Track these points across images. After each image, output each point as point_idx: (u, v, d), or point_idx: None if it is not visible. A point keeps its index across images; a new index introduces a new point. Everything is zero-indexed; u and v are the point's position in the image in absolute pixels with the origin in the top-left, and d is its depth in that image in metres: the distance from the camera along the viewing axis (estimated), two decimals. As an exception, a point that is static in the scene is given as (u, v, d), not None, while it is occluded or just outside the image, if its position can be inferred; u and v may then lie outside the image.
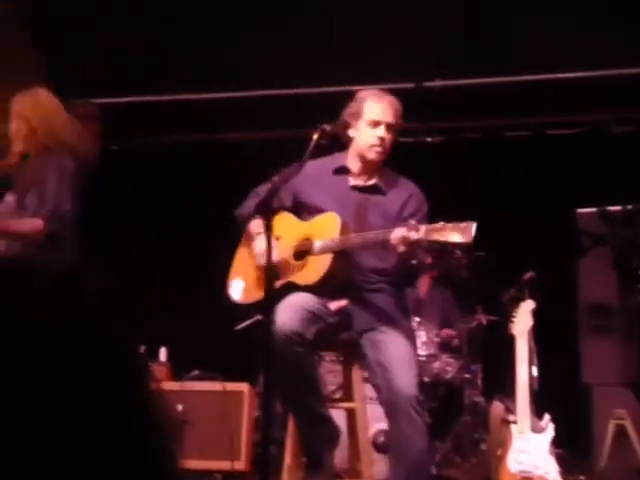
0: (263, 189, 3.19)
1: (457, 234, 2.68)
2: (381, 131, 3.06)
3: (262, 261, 2.93)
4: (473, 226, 2.68)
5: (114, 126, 6.22)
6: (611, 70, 5.21)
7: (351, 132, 3.12)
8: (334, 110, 3.19)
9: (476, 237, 2.66)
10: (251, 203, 3.18)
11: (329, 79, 5.33)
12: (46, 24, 5.67)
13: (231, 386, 4.42)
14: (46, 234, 3.52)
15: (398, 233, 2.76)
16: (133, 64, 5.59)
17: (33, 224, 3.53)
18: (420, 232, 2.73)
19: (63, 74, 5.84)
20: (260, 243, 3.01)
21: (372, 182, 3.15)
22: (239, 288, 3.23)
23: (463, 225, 2.69)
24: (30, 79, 5.69)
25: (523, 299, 4.05)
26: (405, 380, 2.87)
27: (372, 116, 3.07)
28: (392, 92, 3.26)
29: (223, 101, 5.82)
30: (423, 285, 5.27)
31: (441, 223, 2.73)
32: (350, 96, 3.23)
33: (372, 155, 3.09)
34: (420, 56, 5.27)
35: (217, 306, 3.44)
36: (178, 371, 4.90)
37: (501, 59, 5.27)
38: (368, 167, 3.14)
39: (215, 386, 4.42)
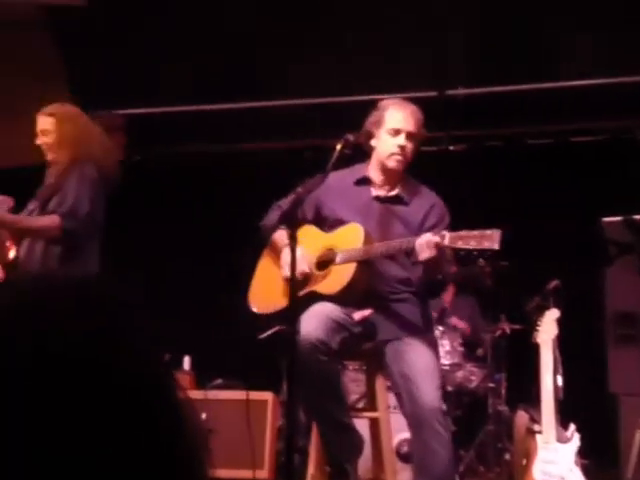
0: (286, 201, 3.21)
1: (483, 241, 2.68)
2: (401, 139, 3.05)
3: (287, 272, 2.93)
4: (498, 233, 2.67)
5: (138, 137, 6.28)
6: (634, 77, 5.18)
7: (373, 141, 3.12)
8: (357, 120, 3.20)
9: (501, 245, 2.66)
10: (274, 215, 3.19)
11: (352, 88, 5.34)
12: (71, 37, 5.75)
13: (254, 395, 4.42)
14: (62, 231, 3.58)
15: (423, 239, 2.76)
16: (156, 76, 5.64)
17: (49, 220, 3.59)
18: (445, 239, 2.73)
19: (88, 86, 5.91)
20: (287, 254, 3.01)
21: (394, 193, 3.15)
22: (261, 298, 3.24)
23: (488, 232, 2.69)
24: (57, 91, 5.76)
25: (548, 308, 4.02)
26: (429, 392, 2.86)
27: (393, 124, 3.06)
28: (415, 101, 3.27)
29: (245, 111, 5.85)
30: (447, 294, 5.25)
31: (465, 231, 2.72)
32: (373, 105, 3.24)
33: (392, 163, 3.08)
34: (443, 65, 5.27)
35: (240, 315, 3.46)
36: (201, 380, 4.91)
37: (523, 67, 5.25)
38: (389, 177, 3.14)
39: (238, 395, 4.42)
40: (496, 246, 2.66)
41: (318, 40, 5.28)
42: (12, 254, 3.62)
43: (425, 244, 2.74)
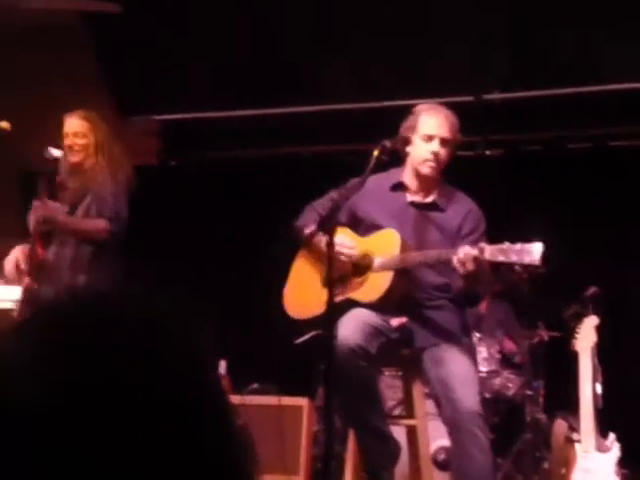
0: (320, 203, 3.20)
1: (524, 255, 2.65)
2: (435, 145, 3.03)
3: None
4: (540, 247, 2.64)
5: (173, 142, 6.33)
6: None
7: (408, 147, 3.11)
8: (393, 124, 3.18)
9: (543, 258, 2.62)
10: (308, 216, 3.19)
11: (388, 93, 5.33)
12: (108, 43, 5.82)
13: (290, 400, 4.42)
14: (110, 235, 3.66)
15: (462, 255, 2.73)
16: (191, 81, 5.68)
17: (97, 224, 3.66)
18: (485, 253, 2.70)
19: (125, 92, 5.98)
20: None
21: (430, 199, 3.13)
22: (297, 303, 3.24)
23: (529, 246, 2.65)
24: (94, 97, 5.83)
25: (586, 315, 3.97)
26: (468, 398, 2.84)
27: (426, 130, 3.04)
28: (451, 105, 3.24)
29: (280, 116, 5.87)
30: (483, 300, 5.20)
31: (506, 244, 2.69)
32: (408, 110, 3.22)
33: (425, 170, 3.06)
34: (479, 69, 5.24)
35: (276, 318, 3.46)
36: (237, 384, 4.93)
37: (560, 70, 5.19)
38: (424, 183, 3.12)
39: (274, 400, 4.43)
40: (538, 261, 2.63)
41: (353, 44, 5.28)
42: (27, 281, 3.69)
43: (464, 258, 2.71)
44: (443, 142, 3.04)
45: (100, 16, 5.09)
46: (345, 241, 3.04)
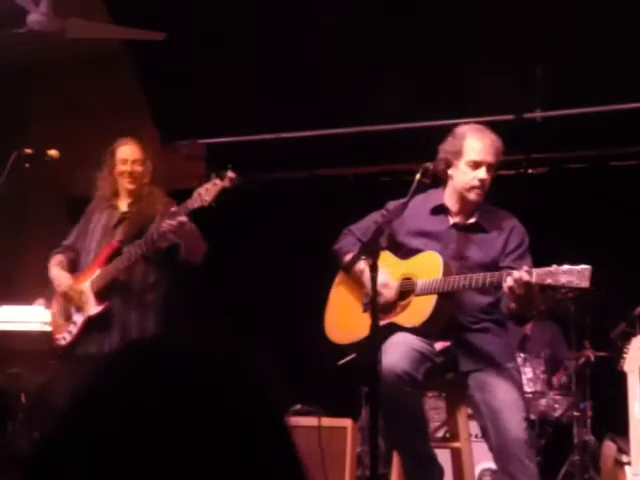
0: (358, 227, 3.21)
1: (573, 278, 2.61)
2: (482, 173, 3.00)
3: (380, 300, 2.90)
4: (589, 270, 2.61)
5: (218, 165, 6.38)
6: None
7: (450, 170, 3.07)
8: (435, 145, 3.17)
9: (591, 281, 2.59)
10: (347, 241, 3.20)
11: (429, 113, 5.33)
12: (151, 70, 5.93)
13: (333, 421, 4.42)
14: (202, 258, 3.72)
15: (509, 281, 2.71)
16: (235, 105, 5.75)
17: (204, 244, 3.70)
18: (533, 277, 2.67)
19: (168, 117, 6.08)
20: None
21: (473, 220, 3.11)
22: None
23: (578, 269, 2.62)
24: (140, 123, 5.94)
25: (634, 334, 3.90)
26: (514, 424, 2.81)
27: (473, 157, 3.00)
28: (492, 125, 3.21)
29: (322, 138, 5.90)
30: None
31: (554, 266, 2.66)
32: (450, 129, 3.20)
33: (473, 197, 3.04)
34: (520, 87, 5.22)
35: (318, 340, 3.47)
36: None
37: (603, 88, 5.15)
38: (467, 207, 3.10)
39: (317, 421, 4.43)
40: (587, 284, 2.60)
41: (397, 65, 5.30)
42: (94, 310, 3.72)
43: (513, 283, 2.69)
44: (490, 168, 3.02)
45: (143, 44, 5.19)
46: (383, 280, 3.01)
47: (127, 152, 3.86)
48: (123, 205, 3.90)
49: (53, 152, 3.78)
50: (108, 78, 6.38)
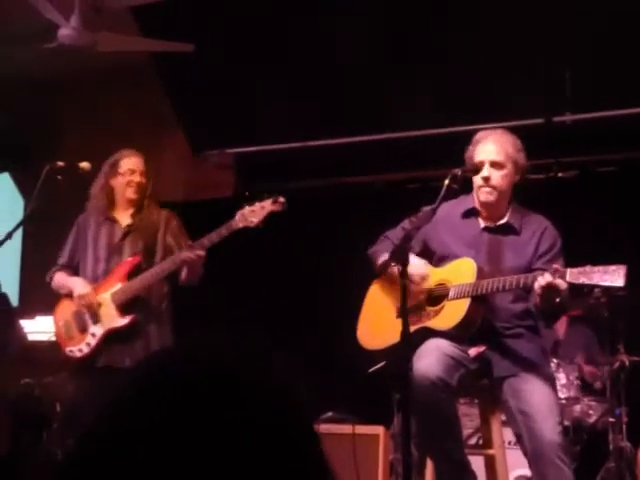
0: (393, 232, 3.21)
1: (607, 278, 2.60)
2: (485, 171, 3.02)
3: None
4: (624, 269, 2.59)
5: (246, 174, 6.43)
6: None
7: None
8: (463, 151, 3.18)
9: (626, 280, 2.57)
10: (382, 246, 3.20)
11: (457, 119, 5.32)
12: (180, 80, 5.98)
13: (366, 429, 4.40)
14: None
15: (542, 281, 2.70)
16: (263, 114, 5.78)
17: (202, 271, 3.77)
18: (566, 277, 2.66)
19: (198, 127, 6.13)
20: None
21: (503, 221, 3.10)
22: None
23: (612, 268, 2.60)
24: (170, 134, 5.99)
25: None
26: (549, 428, 2.79)
27: (477, 157, 3.05)
28: (521, 128, 3.21)
29: (352, 145, 5.92)
30: (561, 326, 5.11)
31: (588, 266, 2.64)
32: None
33: (482, 197, 3.06)
34: (549, 91, 5.19)
35: (350, 346, 3.47)
36: (313, 413, 4.93)
37: (633, 90, 5.10)
38: (489, 209, 3.10)
39: (349, 429, 4.42)
40: (621, 282, 2.58)
41: (423, 71, 5.30)
42: (120, 322, 3.77)
43: (547, 285, 2.68)
44: (493, 165, 3.02)
45: (171, 55, 5.25)
46: (419, 269, 3.04)
47: (135, 163, 3.90)
48: (124, 217, 3.91)
49: (85, 164, 3.82)
50: (138, 91, 6.46)
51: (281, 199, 3.53)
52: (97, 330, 3.76)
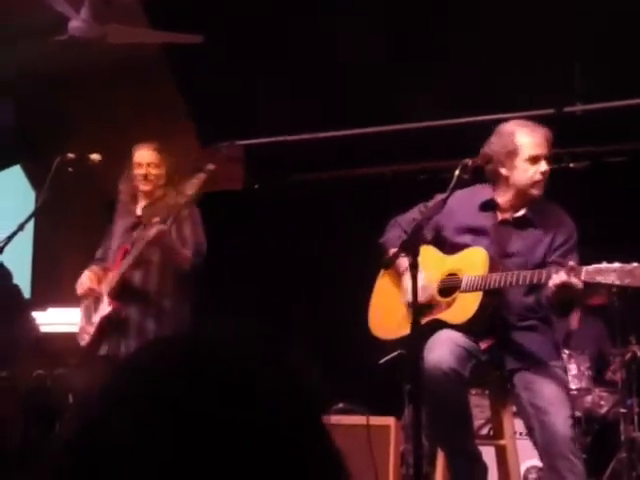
0: (404, 218, 3.19)
1: (623, 277, 2.56)
2: (544, 166, 2.99)
3: (409, 298, 2.89)
4: None
5: (255, 166, 6.43)
6: None
7: (503, 170, 3.01)
8: (475, 141, 3.15)
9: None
10: (393, 234, 3.19)
11: (466, 109, 5.30)
12: (189, 72, 5.98)
13: (377, 420, 4.40)
14: (192, 267, 3.77)
15: (557, 279, 2.67)
16: (272, 105, 5.78)
17: (185, 253, 3.76)
18: (582, 275, 2.64)
19: (207, 119, 6.13)
20: (407, 280, 2.98)
21: (521, 213, 3.07)
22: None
23: (630, 267, 2.57)
24: (180, 126, 6.00)
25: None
26: (560, 421, 2.79)
27: (531, 152, 2.97)
28: (532, 120, 3.18)
29: (361, 136, 5.91)
30: (574, 317, 5.10)
31: (604, 264, 2.61)
32: (489, 125, 3.17)
33: (536, 192, 3.01)
34: (560, 81, 5.16)
35: (361, 337, 3.46)
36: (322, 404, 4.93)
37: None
38: (527, 202, 3.05)
39: (360, 420, 4.42)
40: (639, 282, 2.55)
41: (433, 61, 5.28)
42: (104, 310, 3.79)
43: (560, 283, 2.66)
44: (546, 159, 3.01)
45: (180, 47, 5.24)
46: (421, 284, 2.97)
47: (141, 156, 3.95)
48: (138, 209, 3.99)
49: (95, 156, 3.84)
50: (147, 82, 6.46)
51: (210, 166, 3.59)
52: (96, 319, 3.85)
